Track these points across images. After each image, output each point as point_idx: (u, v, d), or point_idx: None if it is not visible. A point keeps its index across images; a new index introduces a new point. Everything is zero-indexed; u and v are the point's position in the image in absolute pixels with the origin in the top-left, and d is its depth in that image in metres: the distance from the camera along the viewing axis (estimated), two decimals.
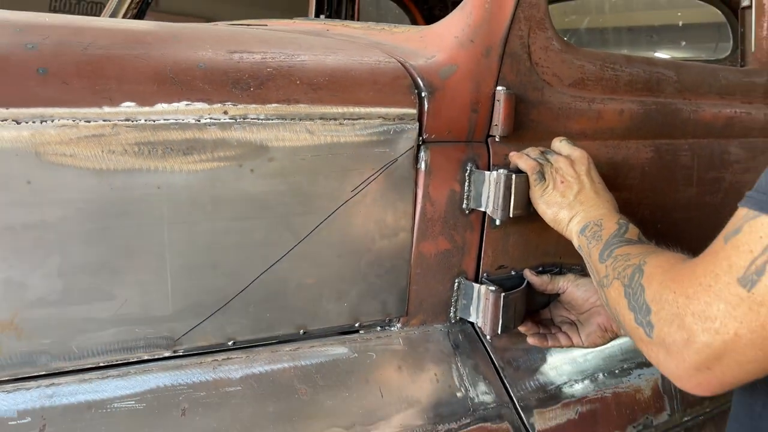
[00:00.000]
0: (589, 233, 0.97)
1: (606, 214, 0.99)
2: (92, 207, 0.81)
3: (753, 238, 0.65)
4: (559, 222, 1.02)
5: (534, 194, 1.03)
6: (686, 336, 0.69)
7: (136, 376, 0.86)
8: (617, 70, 1.19)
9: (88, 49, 0.82)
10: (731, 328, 0.66)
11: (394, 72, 0.99)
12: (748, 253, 0.65)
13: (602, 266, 0.91)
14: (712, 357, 0.67)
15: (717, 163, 1.43)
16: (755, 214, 0.66)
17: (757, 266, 0.64)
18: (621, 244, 0.91)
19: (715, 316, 0.67)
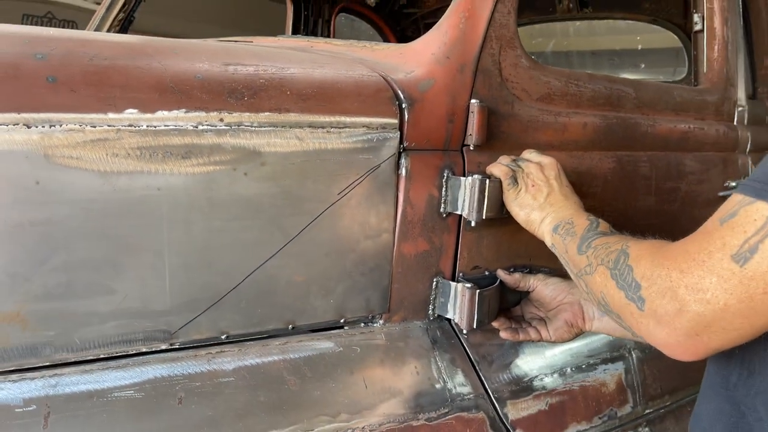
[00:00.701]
0: (563, 231, 1.04)
1: (575, 213, 1.06)
2: (96, 206, 0.86)
3: (747, 220, 0.71)
4: (532, 223, 1.10)
5: (507, 198, 1.11)
6: (678, 306, 0.74)
7: (134, 367, 0.91)
8: (580, 87, 1.29)
9: (93, 59, 0.88)
10: (722, 299, 0.71)
11: (377, 85, 1.07)
12: (742, 234, 0.71)
13: (582, 257, 0.96)
14: (702, 325, 0.73)
15: (673, 174, 1.53)
16: (751, 200, 0.72)
17: (750, 245, 0.70)
18: (597, 236, 0.98)
19: (707, 288, 0.72)
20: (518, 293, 1.21)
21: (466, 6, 1.12)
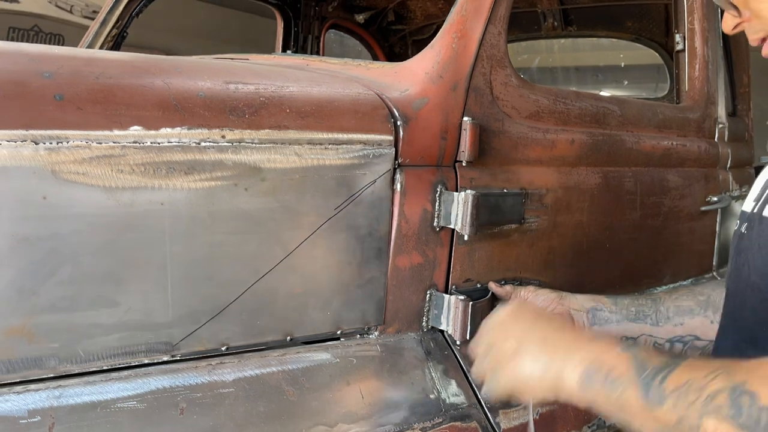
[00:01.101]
0: (597, 383, 0.74)
1: (591, 349, 0.77)
2: (101, 221, 0.88)
3: None
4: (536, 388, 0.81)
5: None
6: None
7: (137, 378, 0.92)
8: (568, 104, 1.33)
9: (99, 78, 0.90)
10: None
11: (373, 103, 1.10)
12: None
13: (664, 411, 0.68)
14: None
15: (657, 189, 1.58)
16: None
17: None
18: (663, 372, 0.70)
19: None
20: None
21: (458, 27, 1.16)
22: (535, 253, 1.30)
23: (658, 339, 1.12)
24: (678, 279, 1.70)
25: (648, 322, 1.13)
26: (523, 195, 1.25)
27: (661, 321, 1.13)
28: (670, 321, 1.12)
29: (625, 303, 1.17)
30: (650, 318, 1.13)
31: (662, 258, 1.64)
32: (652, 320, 1.13)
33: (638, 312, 1.15)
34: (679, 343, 1.11)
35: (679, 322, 1.12)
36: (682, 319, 1.11)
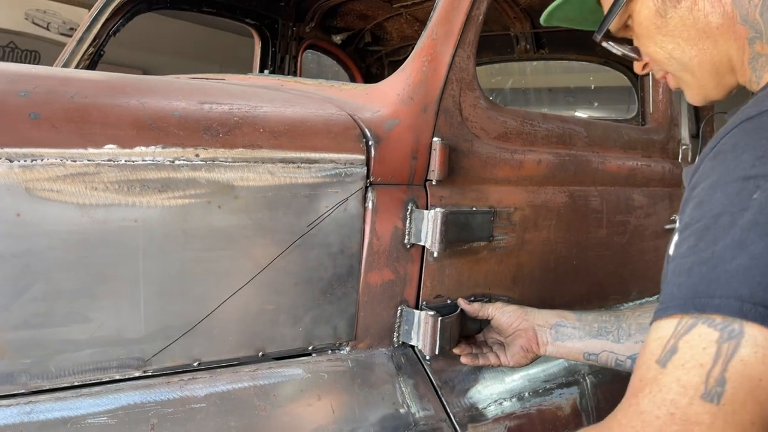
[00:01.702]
0: None
1: None
2: (75, 238, 0.90)
3: (695, 351, 0.62)
4: None
5: None
6: None
7: (108, 394, 0.93)
8: (535, 126, 1.38)
9: (74, 97, 0.92)
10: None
11: (345, 123, 1.13)
12: (699, 368, 0.61)
13: None
14: None
15: (623, 208, 1.63)
16: (686, 327, 0.63)
17: (716, 377, 0.60)
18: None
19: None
20: (479, 321, 1.27)
21: (429, 51, 1.20)
22: (503, 270, 1.34)
23: (619, 356, 1.15)
24: (644, 295, 1.74)
25: (610, 338, 1.16)
26: (491, 213, 1.29)
27: (622, 338, 1.16)
28: (631, 338, 1.15)
29: (589, 319, 1.20)
30: (612, 335, 1.16)
31: (629, 275, 1.68)
32: (614, 337, 1.16)
33: (601, 328, 1.18)
34: None
35: (640, 339, 1.14)
36: (643, 336, 1.13)
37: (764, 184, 0.62)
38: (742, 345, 0.60)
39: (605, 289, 1.61)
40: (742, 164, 0.65)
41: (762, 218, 0.61)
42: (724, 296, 0.61)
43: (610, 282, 1.62)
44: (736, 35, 0.84)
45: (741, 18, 0.83)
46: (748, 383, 0.60)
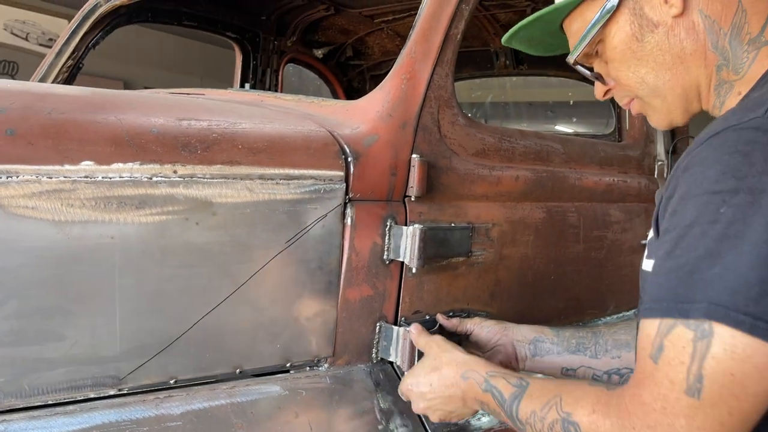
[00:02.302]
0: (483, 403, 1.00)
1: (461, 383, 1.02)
2: (50, 254, 0.89)
3: (677, 350, 0.68)
4: None
5: None
6: None
7: (82, 413, 0.92)
8: (513, 143, 1.39)
9: (51, 113, 0.92)
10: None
11: (324, 140, 1.14)
12: (681, 365, 0.68)
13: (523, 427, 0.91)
14: None
15: (600, 223, 1.65)
16: (667, 327, 0.70)
17: (695, 374, 0.67)
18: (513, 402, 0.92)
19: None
20: (458, 336, 1.28)
21: (408, 69, 1.22)
22: (482, 285, 1.35)
23: (596, 371, 1.17)
24: (621, 309, 1.76)
25: (587, 354, 1.18)
26: (470, 229, 1.30)
27: (599, 353, 1.17)
28: (608, 354, 1.17)
29: (567, 335, 1.21)
30: (590, 350, 1.18)
31: (606, 289, 1.70)
32: (592, 353, 1.18)
33: (579, 344, 1.19)
34: (616, 375, 1.16)
35: (616, 354, 1.16)
36: (619, 352, 1.17)
37: (729, 200, 0.68)
38: (713, 344, 0.67)
39: (583, 303, 1.63)
40: (708, 179, 0.70)
41: (731, 232, 0.67)
42: (699, 301, 0.68)
43: (588, 296, 1.64)
44: (707, 62, 0.87)
45: (712, 45, 0.86)
46: (722, 378, 0.66)
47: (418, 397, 1.09)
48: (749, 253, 0.66)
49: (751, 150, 0.68)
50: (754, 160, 0.67)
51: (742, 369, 0.66)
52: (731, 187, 0.68)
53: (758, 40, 0.83)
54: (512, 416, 0.92)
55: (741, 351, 0.66)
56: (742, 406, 0.67)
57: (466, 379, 1.02)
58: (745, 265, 0.66)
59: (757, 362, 0.66)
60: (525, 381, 0.93)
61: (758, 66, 0.83)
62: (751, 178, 0.67)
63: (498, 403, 0.95)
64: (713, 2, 0.85)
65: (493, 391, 0.96)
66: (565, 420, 0.81)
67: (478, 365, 1.02)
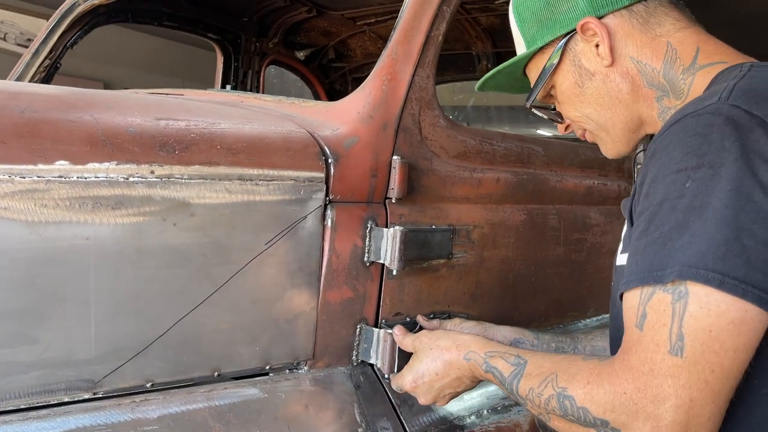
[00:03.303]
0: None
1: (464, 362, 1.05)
2: (23, 256, 0.87)
3: (658, 314, 0.74)
4: None
5: None
6: (654, 423, 0.73)
7: (56, 417, 0.90)
8: (494, 145, 1.39)
9: (25, 112, 0.90)
10: (686, 397, 0.72)
11: (304, 141, 1.13)
12: (663, 327, 0.73)
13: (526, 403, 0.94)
14: (681, 431, 0.72)
15: (580, 226, 1.66)
16: (648, 295, 0.76)
17: (676, 333, 0.72)
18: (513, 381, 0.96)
19: (668, 394, 0.72)
20: None
21: (389, 70, 1.21)
22: (462, 287, 1.34)
23: None
24: (601, 312, 1.77)
25: None
26: (451, 231, 1.30)
27: None
28: None
29: (546, 338, 1.22)
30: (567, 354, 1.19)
31: (586, 292, 1.71)
32: None
33: (558, 348, 1.22)
34: None
35: None
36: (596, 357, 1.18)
37: (693, 175, 0.75)
38: (689, 303, 0.73)
39: (563, 305, 1.63)
40: (674, 160, 0.78)
41: (696, 203, 0.74)
42: (672, 266, 0.74)
43: (568, 299, 1.64)
44: (645, 97, 0.99)
45: (647, 83, 0.98)
46: (701, 335, 0.72)
47: (426, 389, 1.11)
48: (713, 218, 0.72)
49: (708, 131, 0.76)
50: (712, 140, 0.75)
51: (718, 325, 0.71)
52: (694, 164, 0.75)
53: (692, 67, 0.94)
54: (513, 393, 0.96)
55: (715, 307, 0.71)
56: (722, 362, 0.72)
57: (469, 360, 1.05)
58: (711, 229, 0.72)
59: (732, 317, 0.71)
60: (522, 359, 0.97)
61: (697, 86, 0.93)
62: (710, 155, 0.75)
63: (499, 382, 1.00)
64: (643, 49, 0.97)
65: (493, 371, 1.00)
66: (560, 395, 0.85)
67: (476, 345, 1.05)
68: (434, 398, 1.12)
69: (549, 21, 1.01)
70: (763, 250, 0.72)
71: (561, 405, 0.85)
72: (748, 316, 0.71)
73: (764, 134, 0.74)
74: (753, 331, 0.72)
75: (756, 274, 0.71)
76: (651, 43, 0.97)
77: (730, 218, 0.72)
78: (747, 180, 0.73)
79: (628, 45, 0.97)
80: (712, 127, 0.76)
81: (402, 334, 1.17)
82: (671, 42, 0.96)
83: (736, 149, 0.74)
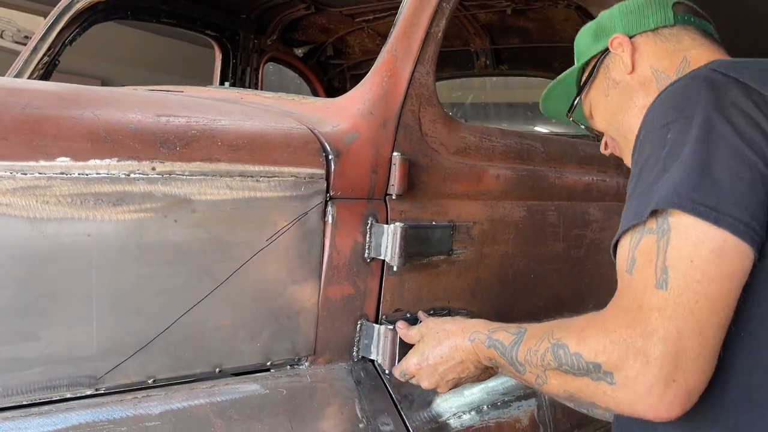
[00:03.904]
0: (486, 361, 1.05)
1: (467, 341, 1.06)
2: (24, 253, 0.87)
3: (646, 255, 0.77)
4: None
5: None
6: (644, 358, 0.73)
7: (58, 413, 0.90)
8: (493, 141, 1.40)
9: (25, 108, 0.90)
10: (672, 328, 0.73)
11: (305, 137, 1.13)
12: (650, 264, 0.76)
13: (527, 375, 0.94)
14: (671, 364, 0.73)
15: (579, 222, 1.66)
16: (636, 240, 0.79)
17: (660, 267, 0.75)
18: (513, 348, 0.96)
19: (656, 326, 0.73)
20: None
21: (389, 66, 1.21)
22: (462, 283, 1.35)
23: None
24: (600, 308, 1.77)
25: None
26: (451, 227, 1.30)
27: None
28: None
29: None
30: None
31: (585, 288, 1.71)
32: None
33: None
34: None
35: None
36: None
37: (672, 127, 0.82)
38: (672, 237, 0.76)
39: (562, 301, 1.64)
40: (657, 119, 0.86)
41: (674, 150, 0.80)
42: (651, 204, 0.78)
43: (567, 295, 1.65)
44: None
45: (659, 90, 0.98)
46: (683, 266, 0.75)
47: (429, 372, 1.11)
48: (688, 156, 0.78)
49: (686, 91, 0.85)
50: (689, 96, 0.83)
51: (699, 254, 0.74)
52: (673, 118, 0.83)
53: None
54: (513, 362, 0.96)
55: (694, 236, 0.75)
56: (707, 292, 0.74)
57: (473, 340, 1.05)
58: (685, 166, 0.77)
59: (712, 246, 0.74)
60: (523, 328, 0.98)
61: None
62: (687, 109, 0.82)
63: (500, 354, 0.99)
64: (662, 60, 1.07)
65: (495, 344, 1.00)
66: (555, 345, 0.86)
67: (480, 325, 1.06)
68: (436, 383, 1.11)
69: (593, 42, 1.18)
70: (737, 182, 0.75)
71: (555, 355, 0.85)
72: (728, 245, 0.74)
73: (738, 89, 0.81)
74: (735, 261, 0.75)
75: (729, 203, 0.74)
76: (669, 56, 1.07)
77: (703, 155, 0.77)
78: (720, 123, 0.78)
79: (650, 56, 1.09)
80: (690, 87, 0.85)
81: (405, 327, 1.18)
82: (687, 56, 1.06)
83: (712, 100, 0.80)
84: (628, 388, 0.76)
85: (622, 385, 0.76)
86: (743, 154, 0.76)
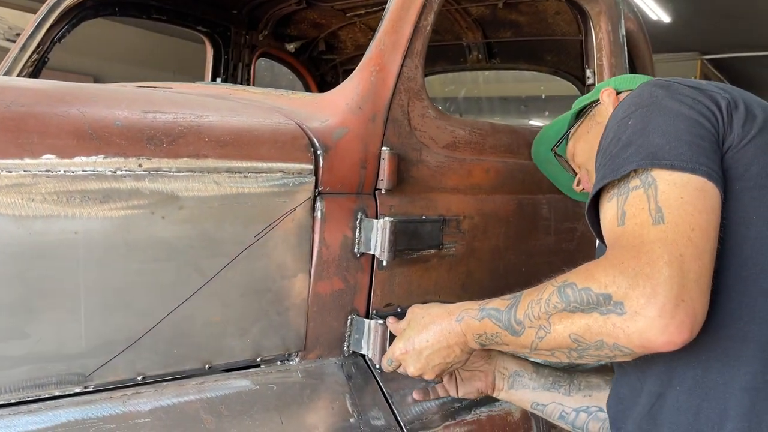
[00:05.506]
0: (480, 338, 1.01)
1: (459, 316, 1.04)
2: (10, 251, 0.87)
3: (636, 205, 0.84)
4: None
5: None
6: (653, 282, 0.76)
7: (47, 411, 0.90)
8: (483, 135, 1.40)
9: (11, 106, 0.90)
10: (675, 253, 0.78)
11: (293, 132, 1.13)
12: (642, 210, 0.83)
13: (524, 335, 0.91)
14: (679, 284, 0.76)
15: (570, 215, 1.66)
16: (623, 196, 0.86)
17: (654, 208, 0.82)
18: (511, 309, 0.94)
19: (660, 253, 0.78)
20: None
21: (377, 60, 1.21)
22: (453, 277, 1.35)
23: (566, 407, 1.22)
24: None
25: (561, 391, 1.23)
26: (441, 221, 1.30)
27: (572, 391, 1.23)
28: (580, 392, 1.23)
29: (545, 372, 1.25)
30: (564, 388, 1.24)
31: None
32: (565, 390, 1.23)
33: (554, 382, 1.24)
34: (584, 413, 1.21)
35: (588, 393, 1.23)
36: (591, 392, 1.23)
37: (633, 115, 0.93)
38: (658, 185, 0.84)
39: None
40: (618, 115, 0.96)
41: (638, 128, 0.90)
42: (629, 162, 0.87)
43: None
44: None
45: None
46: (675, 202, 0.83)
47: (414, 358, 1.09)
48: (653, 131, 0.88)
49: (641, 92, 0.96)
50: (644, 95, 0.95)
51: (687, 192, 0.83)
52: (633, 110, 0.93)
53: None
54: (510, 323, 0.93)
55: (679, 180, 0.84)
56: (699, 222, 0.81)
57: (461, 320, 1.03)
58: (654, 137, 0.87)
59: (695, 185, 0.84)
60: (518, 294, 0.97)
61: None
62: (645, 102, 0.93)
63: (495, 321, 0.96)
64: None
65: (490, 312, 0.98)
66: (561, 286, 0.86)
67: (469, 304, 1.05)
68: (422, 368, 1.10)
69: (588, 97, 1.32)
70: (702, 144, 0.86)
71: (563, 295, 0.85)
72: (708, 187, 0.84)
73: (682, 84, 0.94)
74: (714, 199, 0.84)
75: (701, 158, 0.85)
76: None
77: (668, 126, 0.88)
78: (675, 104, 0.90)
79: None
80: (643, 90, 0.96)
81: (396, 321, 1.18)
82: None
83: (664, 93, 0.93)
84: (639, 315, 0.77)
85: (634, 312, 0.78)
86: (701, 124, 0.88)
